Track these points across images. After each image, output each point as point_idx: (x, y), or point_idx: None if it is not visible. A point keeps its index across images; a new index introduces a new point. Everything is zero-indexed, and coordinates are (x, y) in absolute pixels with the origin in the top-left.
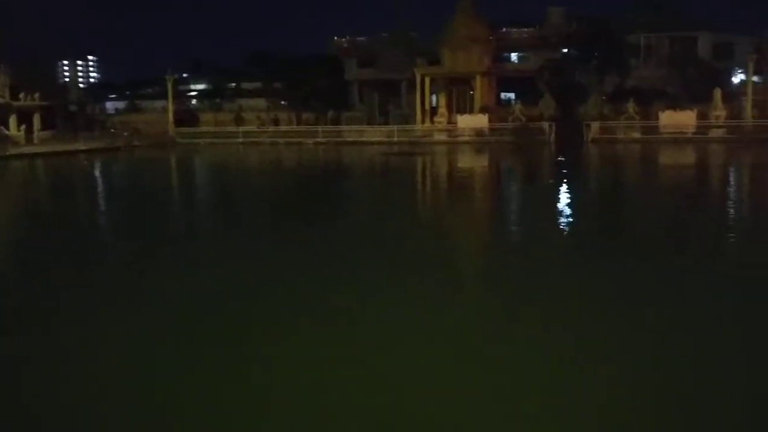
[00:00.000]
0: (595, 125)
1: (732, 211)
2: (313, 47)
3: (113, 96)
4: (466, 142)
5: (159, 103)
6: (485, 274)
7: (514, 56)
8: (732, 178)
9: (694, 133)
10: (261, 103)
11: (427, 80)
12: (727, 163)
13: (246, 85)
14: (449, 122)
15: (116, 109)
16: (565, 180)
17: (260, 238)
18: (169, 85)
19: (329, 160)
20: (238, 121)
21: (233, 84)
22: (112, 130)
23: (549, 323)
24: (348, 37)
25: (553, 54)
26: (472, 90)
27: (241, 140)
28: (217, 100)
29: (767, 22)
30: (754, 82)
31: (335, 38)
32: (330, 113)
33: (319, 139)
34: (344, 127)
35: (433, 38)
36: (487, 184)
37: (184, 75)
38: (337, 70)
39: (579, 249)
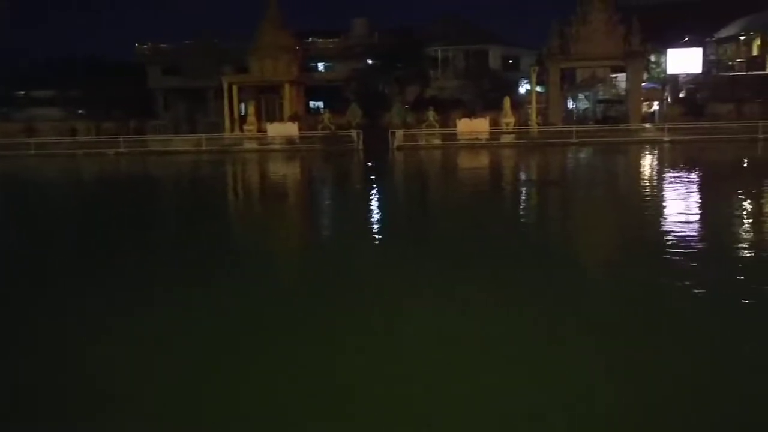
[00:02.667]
0: (400, 133)
1: (521, 206)
2: (118, 54)
3: None
4: (277, 150)
5: None
6: (287, 276)
7: (321, 65)
8: (522, 177)
9: (487, 139)
10: (56, 112)
11: (235, 88)
12: (516, 164)
13: (39, 93)
14: (259, 130)
15: None
16: (374, 184)
17: None
18: None
19: (131, 171)
20: (30, 131)
21: (23, 92)
22: None
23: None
24: (150, 44)
25: (358, 64)
26: (282, 98)
27: (33, 152)
28: (4, 110)
29: (546, 39)
30: (537, 91)
31: (137, 45)
32: (132, 123)
33: (121, 150)
34: (149, 137)
35: (240, 46)
36: (299, 190)
37: None
38: (140, 77)
39: (388, 248)
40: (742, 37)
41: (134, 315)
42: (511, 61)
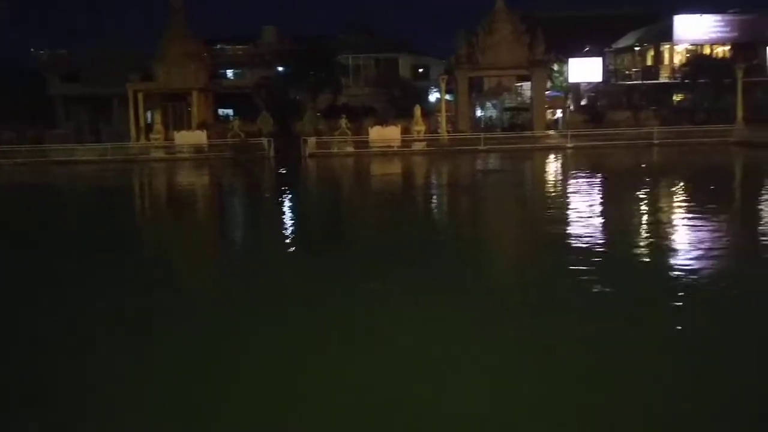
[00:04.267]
0: (312, 140)
1: (432, 211)
2: (11, 60)
3: None
4: (185, 159)
5: None
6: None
7: (231, 73)
8: (433, 183)
9: (399, 147)
10: None
11: (141, 96)
12: (427, 171)
13: None
14: (166, 139)
15: None
16: (284, 193)
17: None
18: None
19: (32, 181)
20: None
21: None
22: None
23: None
24: (48, 50)
25: (268, 71)
26: (190, 106)
27: None
28: None
29: (454, 48)
30: (446, 100)
31: (32, 50)
32: (30, 132)
33: (19, 160)
34: (50, 146)
35: (146, 53)
36: (206, 200)
37: None
38: (38, 85)
39: (294, 257)
40: (637, 48)
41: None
42: (421, 70)
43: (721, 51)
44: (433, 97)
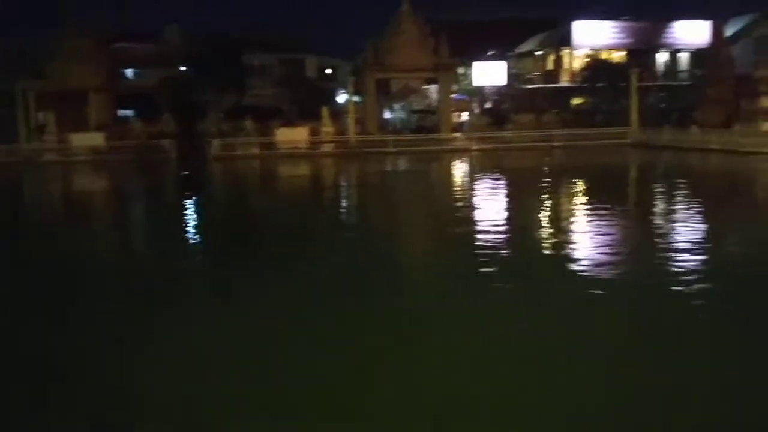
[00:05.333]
0: (217, 142)
1: (340, 213)
2: None
3: None
4: (82, 162)
5: None
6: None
7: (131, 72)
8: (342, 185)
9: (307, 149)
10: None
11: (32, 95)
12: (336, 173)
13: None
14: (60, 141)
15: None
16: (186, 197)
17: None
18: None
19: None
20: None
21: None
22: None
23: None
24: None
25: (171, 71)
26: (87, 107)
27: None
28: None
29: (361, 49)
30: (355, 101)
31: None
32: None
33: None
34: None
35: (39, 49)
36: (102, 204)
37: None
38: None
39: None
40: (538, 53)
41: None
42: (329, 71)
43: (617, 56)
44: (341, 98)
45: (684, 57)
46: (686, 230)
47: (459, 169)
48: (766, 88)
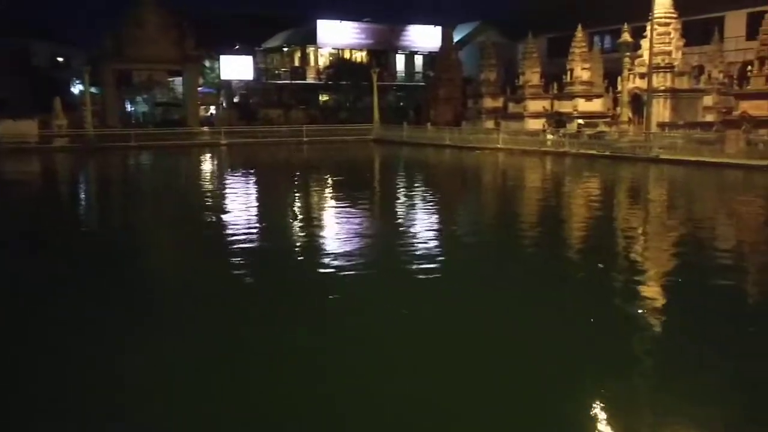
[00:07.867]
0: None
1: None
2: None
3: None
4: None
5: None
6: None
7: None
8: (80, 183)
9: (37, 143)
10: None
11: None
12: (70, 170)
13: None
14: None
15: None
16: None
17: None
18: None
19: None
20: None
21: None
22: None
23: None
24: None
25: None
26: None
27: None
28: None
29: (98, 39)
30: (92, 93)
31: None
32: None
33: None
34: None
35: None
36: None
37: None
38: None
39: None
40: (285, 49)
41: None
42: (61, 60)
43: (360, 56)
44: (77, 89)
45: (419, 59)
46: (424, 215)
47: (207, 164)
48: (487, 90)
